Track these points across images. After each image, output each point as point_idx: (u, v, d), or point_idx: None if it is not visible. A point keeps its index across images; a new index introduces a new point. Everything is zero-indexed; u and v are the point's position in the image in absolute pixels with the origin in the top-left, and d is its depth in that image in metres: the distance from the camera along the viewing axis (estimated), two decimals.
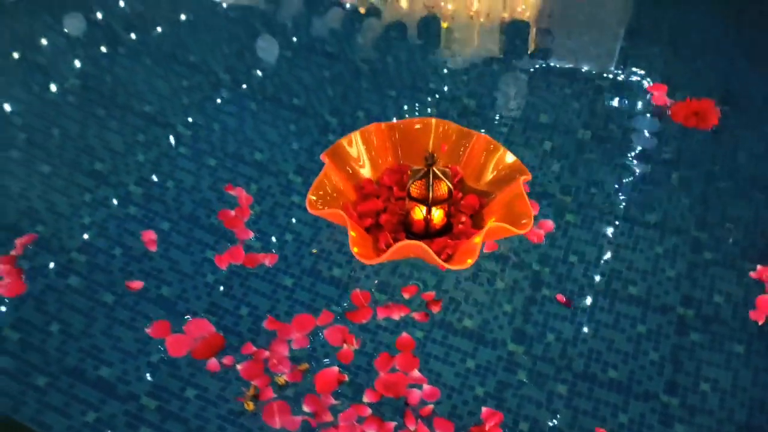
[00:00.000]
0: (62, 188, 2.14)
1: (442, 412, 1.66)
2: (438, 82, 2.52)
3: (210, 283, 1.91)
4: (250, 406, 1.64)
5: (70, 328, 1.81)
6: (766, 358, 1.78)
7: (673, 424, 1.66)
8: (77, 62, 2.56)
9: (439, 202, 1.85)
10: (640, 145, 2.31)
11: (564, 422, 1.66)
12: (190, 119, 2.36)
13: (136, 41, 2.67)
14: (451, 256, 1.84)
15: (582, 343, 1.81)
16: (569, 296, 1.90)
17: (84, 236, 2.01)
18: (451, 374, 1.73)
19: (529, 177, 1.93)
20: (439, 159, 1.94)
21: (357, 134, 2.01)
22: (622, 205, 2.13)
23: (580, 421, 1.67)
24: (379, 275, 1.93)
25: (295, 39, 2.71)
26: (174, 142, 2.28)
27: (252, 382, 1.69)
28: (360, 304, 1.84)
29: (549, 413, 1.68)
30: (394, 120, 2.22)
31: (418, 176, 1.83)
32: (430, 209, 1.86)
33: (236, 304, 1.86)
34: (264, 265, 1.93)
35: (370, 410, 1.65)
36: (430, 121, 2.05)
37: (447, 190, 1.84)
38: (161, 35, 2.70)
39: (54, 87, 2.46)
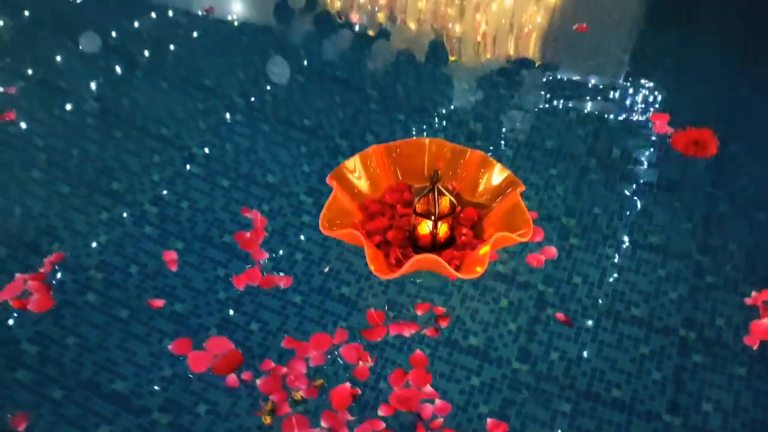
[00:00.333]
0: (80, 207, 2.21)
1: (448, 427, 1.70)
2: (445, 106, 2.59)
3: (222, 299, 1.96)
4: (267, 420, 1.69)
5: (87, 342, 1.86)
6: (767, 380, 1.80)
7: None
8: (96, 85, 2.65)
9: (444, 217, 1.94)
10: (642, 171, 2.36)
11: None
12: (204, 141, 2.44)
13: (153, 65, 2.76)
14: (459, 266, 1.92)
15: (586, 363, 1.84)
16: (573, 316, 1.93)
17: (101, 254, 2.07)
18: (456, 391, 1.77)
19: (523, 188, 2.01)
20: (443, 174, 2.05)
21: (357, 157, 2.10)
22: (625, 229, 2.17)
23: None
24: (387, 294, 1.98)
25: (307, 64, 2.79)
26: (188, 164, 2.35)
27: (270, 396, 1.74)
28: (375, 323, 1.89)
29: None
30: None
31: (424, 193, 1.92)
32: (436, 224, 1.94)
33: (247, 320, 1.91)
34: (279, 286, 1.98)
35: (384, 424, 1.69)
36: (423, 141, 2.14)
37: (451, 204, 1.92)
38: (177, 60, 2.79)
39: (74, 109, 2.55)
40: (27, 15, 3.00)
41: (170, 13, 3.04)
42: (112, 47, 2.83)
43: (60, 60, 2.76)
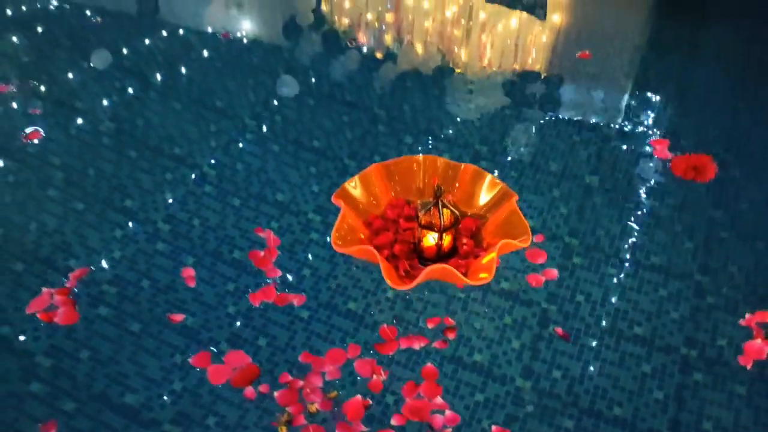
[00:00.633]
0: (95, 224, 2.27)
1: None
2: (452, 129, 2.66)
3: (231, 314, 2.00)
4: (283, 430, 1.73)
5: (99, 356, 1.91)
6: (767, 398, 1.83)
7: None
8: (112, 106, 2.73)
9: (448, 228, 2.02)
10: (644, 193, 2.41)
11: None
12: (216, 161, 2.50)
13: (166, 87, 2.84)
14: (464, 274, 1.99)
15: (588, 380, 1.87)
16: (576, 334, 1.97)
17: (114, 269, 2.12)
18: (460, 407, 1.80)
19: (516, 197, 2.11)
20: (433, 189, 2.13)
21: (357, 177, 2.19)
22: (628, 249, 2.21)
23: None
24: (394, 310, 2.02)
25: (316, 86, 2.87)
26: (200, 182, 2.42)
27: (286, 408, 1.78)
28: (387, 338, 1.94)
29: None
30: None
31: (428, 207, 2.00)
32: (441, 235, 2.01)
33: (255, 335, 1.95)
34: (292, 303, 2.03)
35: None
36: (418, 158, 2.24)
37: (453, 217, 2.02)
38: (190, 81, 2.87)
39: (90, 129, 2.62)
40: (44, 36, 3.09)
41: (184, 35, 3.14)
42: (127, 69, 2.92)
43: (76, 81, 2.85)
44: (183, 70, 2.93)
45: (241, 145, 2.57)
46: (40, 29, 3.13)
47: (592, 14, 3.53)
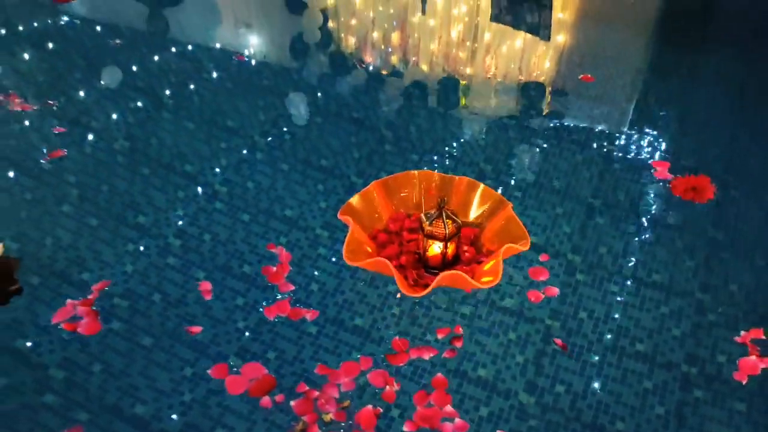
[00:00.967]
0: (108, 239, 2.32)
1: None
2: (457, 148, 2.72)
3: (240, 328, 2.05)
4: None
5: (111, 368, 1.95)
6: (766, 415, 1.85)
7: None
8: (126, 125, 2.80)
9: (452, 237, 2.10)
10: (646, 212, 2.45)
11: None
12: (226, 178, 2.56)
13: (180, 107, 2.92)
14: (472, 278, 2.06)
15: (591, 396, 1.90)
16: (578, 351, 2.00)
17: (126, 283, 2.17)
18: (465, 420, 1.83)
19: (510, 204, 2.22)
20: (430, 201, 2.30)
21: (358, 195, 2.27)
22: (630, 267, 2.25)
23: None
24: (399, 326, 2.06)
25: (324, 106, 2.94)
26: (211, 199, 2.48)
27: (302, 417, 1.82)
28: (399, 349, 1.99)
29: None
30: None
31: (432, 218, 2.08)
32: (446, 244, 2.09)
33: (264, 349, 1.99)
34: (305, 318, 2.08)
35: None
36: (414, 173, 2.35)
37: (456, 226, 2.11)
38: (202, 102, 2.95)
39: (105, 147, 2.70)
40: (57, 54, 3.18)
41: (195, 55, 3.22)
42: (141, 90, 3.00)
43: (91, 100, 2.92)
44: (194, 90, 3.00)
45: (251, 163, 2.63)
46: (51, 46, 3.23)
47: (594, 37, 3.61)
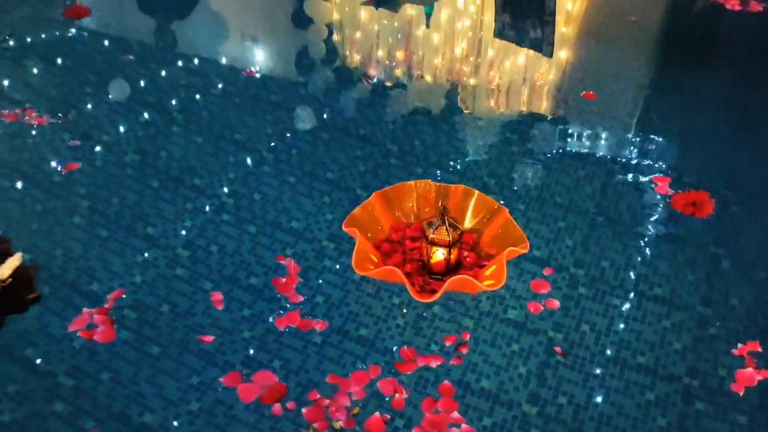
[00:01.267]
0: (118, 250, 2.36)
1: None
2: (461, 162, 2.76)
3: (246, 338, 2.08)
4: None
5: (119, 377, 1.98)
6: (767, 428, 1.87)
7: None
8: (136, 139, 2.85)
9: (455, 243, 2.16)
10: (647, 227, 2.48)
11: None
12: (234, 191, 2.61)
13: (189, 122, 2.97)
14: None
15: (593, 407, 1.92)
16: (581, 362, 2.02)
17: (135, 293, 2.21)
18: (471, 427, 1.85)
19: (506, 210, 2.30)
20: (427, 210, 2.39)
21: (360, 207, 2.33)
22: (632, 280, 2.28)
23: None
24: (404, 336, 2.09)
25: (330, 120, 2.99)
26: (219, 211, 2.52)
27: (312, 424, 1.85)
28: (407, 358, 2.02)
29: None
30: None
31: (436, 226, 2.15)
32: (450, 250, 2.15)
33: (270, 359, 2.02)
34: (315, 329, 2.11)
35: None
36: (411, 184, 2.42)
37: (458, 232, 2.18)
38: (211, 116, 3.00)
39: (115, 161, 2.74)
40: (67, 68, 3.25)
41: (204, 70, 3.28)
42: (151, 104, 3.05)
43: (103, 115, 2.98)
44: (203, 104, 3.06)
45: (258, 175, 2.68)
46: (63, 60, 3.29)
47: (597, 54, 3.66)
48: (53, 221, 2.46)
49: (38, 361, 2.01)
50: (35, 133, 2.85)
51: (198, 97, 3.11)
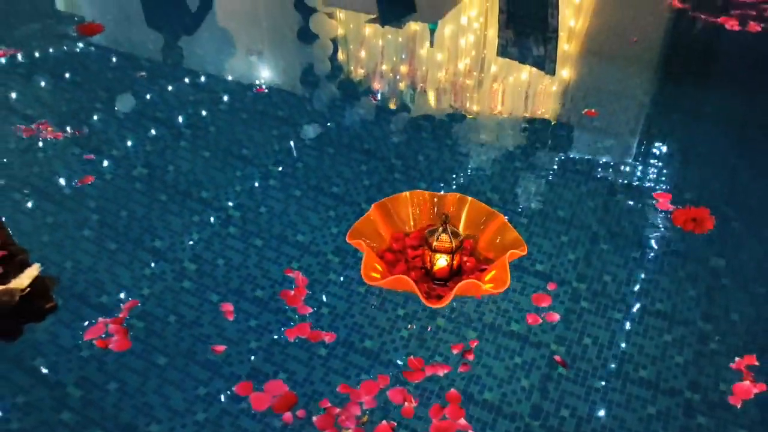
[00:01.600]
0: (126, 262, 2.40)
1: None
2: (464, 177, 2.80)
3: (253, 349, 2.10)
4: None
5: (127, 387, 2.00)
6: None
7: None
8: (145, 154, 2.90)
9: (457, 249, 2.23)
10: (648, 243, 2.51)
11: None
12: (240, 204, 2.65)
13: (197, 137, 3.02)
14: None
15: (595, 420, 1.94)
16: (584, 376, 2.04)
17: (143, 305, 2.24)
18: None
19: (501, 216, 2.37)
20: (423, 219, 2.45)
21: (362, 219, 2.37)
22: (633, 295, 2.30)
23: None
24: (408, 348, 2.11)
25: (335, 136, 3.03)
26: (225, 224, 2.55)
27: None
28: (415, 367, 2.05)
29: None
30: None
31: (438, 233, 2.20)
32: (453, 257, 2.22)
33: (275, 370, 2.04)
34: (324, 340, 2.14)
35: None
36: (406, 194, 2.48)
37: (459, 239, 2.24)
38: (219, 131, 3.05)
39: (124, 174, 2.79)
40: (75, 82, 3.30)
41: (212, 88, 3.34)
42: (160, 119, 3.11)
43: (112, 130, 3.03)
44: (210, 119, 3.11)
45: (264, 189, 2.72)
46: (74, 75, 3.35)
47: (598, 72, 3.72)
48: (63, 234, 2.50)
49: (47, 371, 2.03)
50: (46, 147, 2.90)
51: (205, 113, 3.16)
